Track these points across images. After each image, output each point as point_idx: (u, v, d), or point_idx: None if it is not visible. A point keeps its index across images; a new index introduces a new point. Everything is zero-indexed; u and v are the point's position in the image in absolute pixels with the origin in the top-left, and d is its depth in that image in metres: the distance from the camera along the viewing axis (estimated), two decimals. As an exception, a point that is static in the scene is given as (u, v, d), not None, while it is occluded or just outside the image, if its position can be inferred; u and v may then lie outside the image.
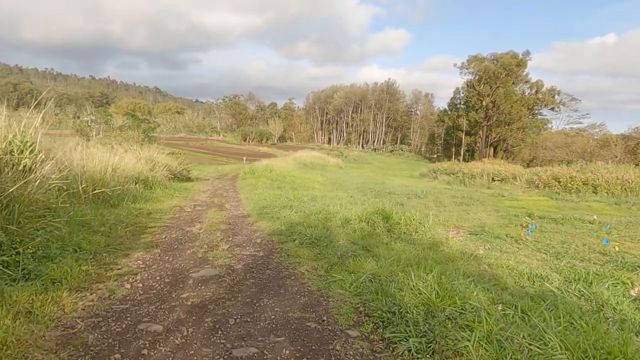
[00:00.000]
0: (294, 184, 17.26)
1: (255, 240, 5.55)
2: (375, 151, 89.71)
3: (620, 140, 41.66)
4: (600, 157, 41.60)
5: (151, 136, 32.73)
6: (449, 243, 5.98)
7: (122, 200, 7.73)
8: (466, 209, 13.51)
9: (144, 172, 12.07)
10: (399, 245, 5.42)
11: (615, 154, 40.83)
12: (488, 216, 11.44)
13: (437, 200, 16.51)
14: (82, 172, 6.98)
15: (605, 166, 25.67)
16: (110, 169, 9.12)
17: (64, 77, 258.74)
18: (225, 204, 10.30)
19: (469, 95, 65.11)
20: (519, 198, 17.49)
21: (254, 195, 12.45)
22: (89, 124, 44.06)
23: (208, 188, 14.91)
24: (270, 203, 9.60)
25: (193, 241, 5.33)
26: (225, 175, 23.03)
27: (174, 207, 8.68)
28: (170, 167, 15.69)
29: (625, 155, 40.63)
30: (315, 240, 5.16)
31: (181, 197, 11.22)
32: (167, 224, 6.48)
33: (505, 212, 12.45)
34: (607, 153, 41.85)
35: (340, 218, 7.03)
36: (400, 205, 14.63)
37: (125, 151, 14.26)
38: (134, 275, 3.74)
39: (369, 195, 16.96)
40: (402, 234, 6.48)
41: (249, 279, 3.90)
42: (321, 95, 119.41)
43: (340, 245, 4.94)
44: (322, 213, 7.70)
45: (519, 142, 62.57)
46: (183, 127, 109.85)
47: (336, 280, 3.69)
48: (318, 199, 12.79)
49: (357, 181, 25.31)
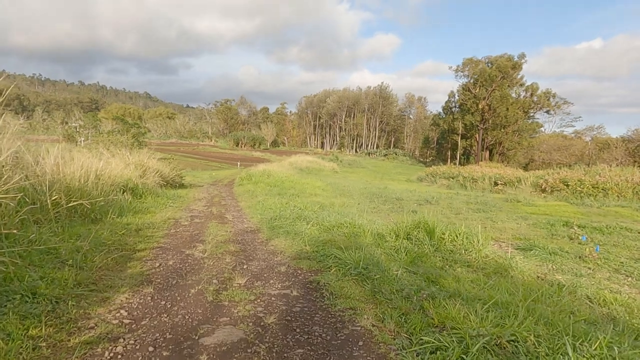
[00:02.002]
0: (294, 190, 16.02)
1: (279, 269, 4.30)
2: (369, 155, 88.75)
3: (620, 143, 41.15)
4: (601, 160, 41.06)
5: (141, 141, 31.32)
6: (515, 266, 4.77)
7: (105, 213, 6.41)
8: (488, 216, 12.37)
9: (133, 179, 10.72)
10: (461, 272, 4.20)
11: (615, 156, 40.30)
12: (518, 225, 10.29)
13: (451, 206, 15.37)
14: (55, 181, 5.65)
15: (610, 169, 24.94)
16: (93, 175, 7.79)
17: (52, 82, 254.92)
18: (226, 215, 9.02)
19: (464, 99, 64.46)
20: (536, 203, 16.41)
21: (256, 203, 11.19)
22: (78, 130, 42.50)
23: (204, 195, 13.59)
24: (279, 214, 8.35)
25: (197, 271, 4.03)
26: (220, 182, 21.65)
27: (168, 220, 7.38)
28: (163, 174, 14.33)
29: (625, 157, 40.11)
30: (361, 269, 3.89)
31: (175, 206, 9.90)
32: (161, 245, 5.17)
33: (534, 220, 11.31)
34: (608, 156, 41.32)
35: (371, 233, 5.80)
36: (414, 212, 13.48)
37: (113, 156, 12.93)
38: (113, 344, 2.41)
39: (377, 202, 15.80)
40: (451, 253, 5.27)
41: (293, 347, 2.60)
42: (314, 100, 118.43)
43: (396, 276, 3.69)
44: (345, 226, 6.47)
45: (515, 145, 62.08)
46: (174, 132, 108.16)
47: (429, 347, 2.43)
48: (327, 207, 11.58)
49: (358, 186, 24.12)
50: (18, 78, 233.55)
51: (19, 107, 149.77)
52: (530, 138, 63.51)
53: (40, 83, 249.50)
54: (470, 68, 64.13)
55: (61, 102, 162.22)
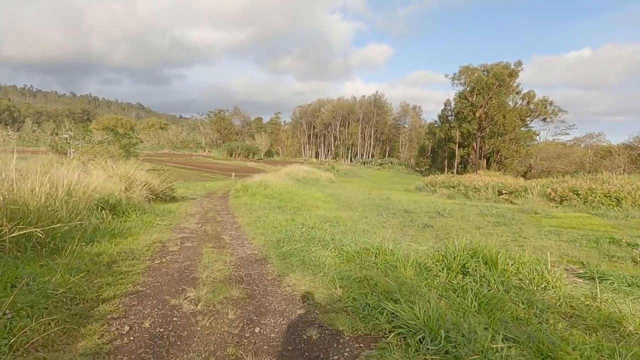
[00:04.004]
0: (295, 203, 14.74)
1: (308, 334, 2.96)
2: (365, 165, 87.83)
3: (623, 150, 40.43)
4: (602, 168, 40.29)
5: (132, 151, 29.88)
6: (629, 314, 3.52)
7: (72, 239, 5.07)
8: (513, 231, 11.17)
9: (115, 194, 9.38)
10: (559, 327, 2.94)
11: (618, 164, 39.56)
12: (556, 243, 9.06)
13: (467, 219, 14.15)
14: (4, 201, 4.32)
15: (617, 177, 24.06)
16: (63, 191, 6.46)
17: (43, 94, 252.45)
18: (222, 234, 7.71)
19: (461, 107, 63.88)
20: (555, 215, 15.23)
21: (256, 219, 9.88)
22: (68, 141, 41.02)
23: (197, 210, 12.25)
24: (286, 234, 7.05)
25: (185, 343, 2.64)
26: (214, 193, 20.25)
27: (153, 245, 6.04)
28: (152, 186, 12.98)
29: (628, 165, 39.38)
30: (441, 341, 2.56)
31: (164, 225, 8.56)
32: (138, 287, 3.83)
33: (567, 235, 10.10)
34: (610, 163, 40.58)
35: (411, 264, 4.53)
36: (429, 227, 12.25)
37: (94, 168, 11.59)
38: None
39: (385, 215, 14.57)
40: (520, 291, 4.01)
41: None
42: (308, 109, 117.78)
43: (496, 351, 2.41)
44: (372, 252, 5.20)
45: (513, 154, 61.37)
46: (167, 143, 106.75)
47: None
48: (334, 221, 10.31)
49: (359, 197, 22.87)
50: (9, 89, 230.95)
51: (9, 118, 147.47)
52: (527, 146, 62.95)
53: (32, 94, 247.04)
54: (466, 76, 63.74)
55: (52, 114, 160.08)
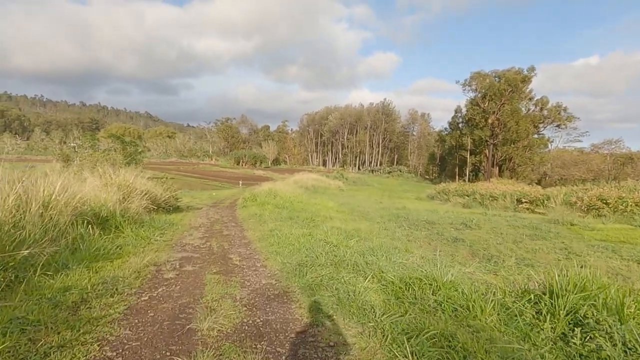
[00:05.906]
0: (307, 213, 13.49)
1: None
2: (373, 172, 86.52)
3: (646, 156, 38.73)
4: (624, 175, 38.61)
5: (138, 159, 28.92)
6: None
7: (34, 267, 3.89)
8: (556, 246, 9.84)
9: (109, 205, 8.22)
10: None
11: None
12: (619, 262, 7.73)
13: (497, 231, 12.81)
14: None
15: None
16: (36, 204, 5.30)
17: (53, 103, 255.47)
18: (230, 253, 6.51)
19: (473, 113, 62.47)
20: (595, 227, 13.83)
21: (268, 233, 8.67)
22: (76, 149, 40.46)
23: (202, 222, 11.05)
24: (308, 255, 5.82)
25: None
26: (221, 203, 19.04)
27: (145, 270, 4.85)
28: (153, 195, 11.84)
29: (652, 172, 37.68)
30: None
31: (163, 241, 7.38)
32: (105, 353, 2.62)
33: (627, 253, 8.73)
34: (632, 170, 38.89)
35: (493, 306, 3.27)
36: (460, 240, 10.95)
37: (91, 175, 10.52)
38: None
39: (407, 226, 13.31)
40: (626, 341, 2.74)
41: None
42: (315, 117, 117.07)
43: None
44: (425, 283, 3.96)
45: (526, 161, 59.62)
46: (174, 151, 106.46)
47: None
48: (354, 235, 9.02)
49: (373, 206, 21.58)
50: (20, 99, 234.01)
51: (20, 127, 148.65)
52: (541, 153, 61.21)
53: (42, 104, 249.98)
54: (478, 82, 62.47)
55: (62, 123, 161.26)
